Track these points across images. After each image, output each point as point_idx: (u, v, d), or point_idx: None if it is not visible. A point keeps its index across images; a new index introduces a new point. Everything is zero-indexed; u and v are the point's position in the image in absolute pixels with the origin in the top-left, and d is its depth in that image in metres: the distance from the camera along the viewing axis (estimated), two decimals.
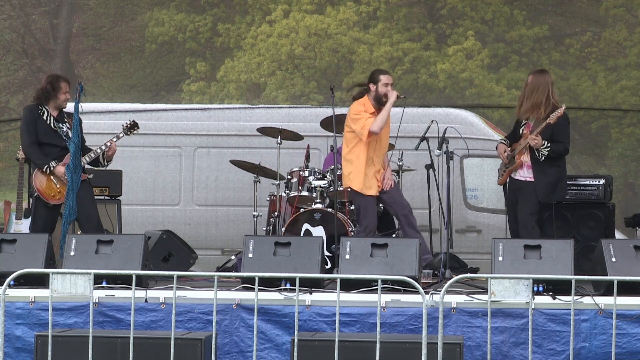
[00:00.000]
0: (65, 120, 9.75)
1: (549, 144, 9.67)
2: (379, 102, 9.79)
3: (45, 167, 9.58)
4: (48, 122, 9.65)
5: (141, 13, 21.01)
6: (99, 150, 9.73)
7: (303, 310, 7.91)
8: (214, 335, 7.66)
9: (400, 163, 10.94)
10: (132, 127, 10.00)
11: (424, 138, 10.34)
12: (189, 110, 13.97)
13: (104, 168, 10.11)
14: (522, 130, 9.89)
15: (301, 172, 10.56)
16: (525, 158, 9.79)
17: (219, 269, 10.84)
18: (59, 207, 9.67)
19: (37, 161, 9.69)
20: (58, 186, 9.61)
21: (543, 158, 9.67)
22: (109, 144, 9.74)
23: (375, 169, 9.86)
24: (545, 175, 9.72)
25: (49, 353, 7.45)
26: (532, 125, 9.78)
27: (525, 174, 9.82)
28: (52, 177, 9.63)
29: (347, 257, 8.38)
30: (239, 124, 13.16)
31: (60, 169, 9.56)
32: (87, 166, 9.80)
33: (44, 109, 9.69)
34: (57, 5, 20.31)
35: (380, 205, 10.21)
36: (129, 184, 11.99)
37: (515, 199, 9.89)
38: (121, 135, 9.94)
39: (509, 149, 9.93)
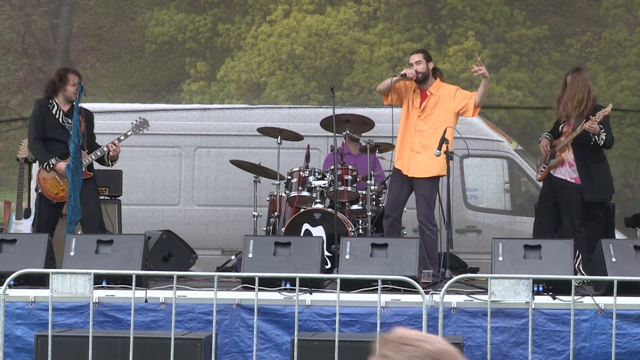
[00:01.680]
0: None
1: (603, 130, 9.65)
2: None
3: (45, 164, 9.53)
4: (57, 116, 9.56)
5: (141, 13, 20.99)
6: (105, 149, 9.67)
7: (303, 310, 7.89)
8: (214, 335, 7.65)
9: None
10: (141, 125, 9.94)
11: None
12: (189, 110, 13.95)
13: (108, 167, 10.07)
14: (562, 128, 9.88)
15: (301, 172, 10.54)
16: (568, 155, 9.77)
17: (219, 269, 10.82)
18: (62, 205, 9.60)
19: (39, 158, 9.65)
20: (62, 184, 9.55)
21: (602, 142, 9.61)
22: (114, 145, 9.65)
23: (409, 148, 9.73)
24: (589, 174, 9.72)
25: (49, 353, 7.44)
26: (573, 123, 9.77)
27: (565, 173, 9.80)
28: (56, 174, 9.57)
29: (347, 257, 8.36)
30: (239, 124, 13.14)
31: (61, 166, 9.45)
32: (94, 162, 9.71)
33: (54, 103, 9.61)
34: (57, 5, 20.29)
35: (381, 205, 10.23)
36: (129, 184, 11.97)
37: (552, 195, 9.86)
38: (129, 133, 9.86)
39: (550, 144, 9.92)
